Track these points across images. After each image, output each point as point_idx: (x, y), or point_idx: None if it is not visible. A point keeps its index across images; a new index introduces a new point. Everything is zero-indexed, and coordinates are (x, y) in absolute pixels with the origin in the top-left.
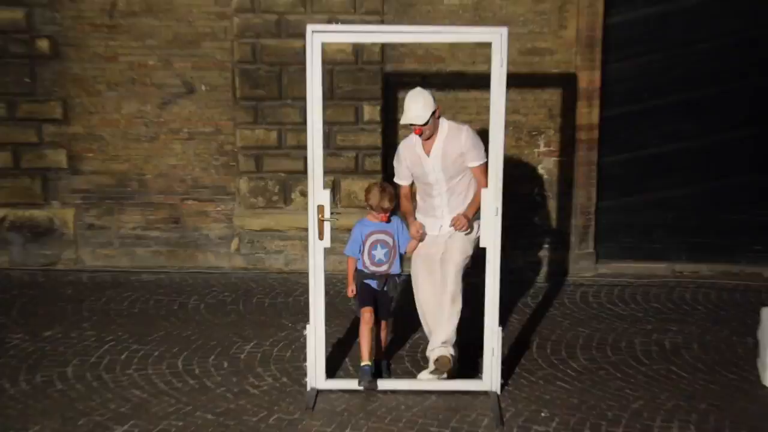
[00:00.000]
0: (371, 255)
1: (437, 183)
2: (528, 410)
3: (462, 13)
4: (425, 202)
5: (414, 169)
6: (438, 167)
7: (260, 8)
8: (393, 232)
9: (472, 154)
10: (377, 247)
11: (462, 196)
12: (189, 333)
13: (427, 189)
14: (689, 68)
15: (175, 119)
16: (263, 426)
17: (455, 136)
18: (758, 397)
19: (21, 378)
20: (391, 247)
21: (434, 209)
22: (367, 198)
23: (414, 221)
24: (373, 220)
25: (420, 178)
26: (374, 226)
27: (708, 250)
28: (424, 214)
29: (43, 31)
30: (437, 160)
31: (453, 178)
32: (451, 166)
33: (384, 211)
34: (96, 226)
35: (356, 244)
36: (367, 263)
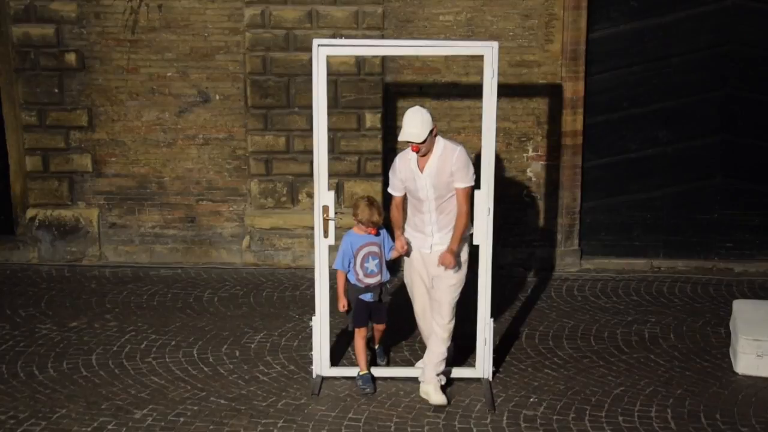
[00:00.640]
0: (364, 267)
1: (427, 200)
2: (518, 396)
3: (456, 28)
4: (415, 216)
5: (407, 183)
6: (429, 184)
7: (270, 24)
8: (380, 241)
9: (459, 174)
10: (369, 259)
11: (451, 216)
12: (203, 324)
13: (417, 205)
14: (665, 80)
15: (192, 126)
16: (272, 410)
17: (449, 155)
18: (730, 383)
19: (49, 365)
20: (380, 257)
21: (424, 225)
22: (356, 213)
23: (400, 236)
24: (361, 232)
25: (412, 193)
26: (364, 239)
27: (683, 247)
28: (413, 229)
29: (71, 46)
30: (429, 178)
31: (443, 196)
32: (443, 185)
33: (374, 225)
34: (118, 224)
35: (346, 258)
36: (360, 276)
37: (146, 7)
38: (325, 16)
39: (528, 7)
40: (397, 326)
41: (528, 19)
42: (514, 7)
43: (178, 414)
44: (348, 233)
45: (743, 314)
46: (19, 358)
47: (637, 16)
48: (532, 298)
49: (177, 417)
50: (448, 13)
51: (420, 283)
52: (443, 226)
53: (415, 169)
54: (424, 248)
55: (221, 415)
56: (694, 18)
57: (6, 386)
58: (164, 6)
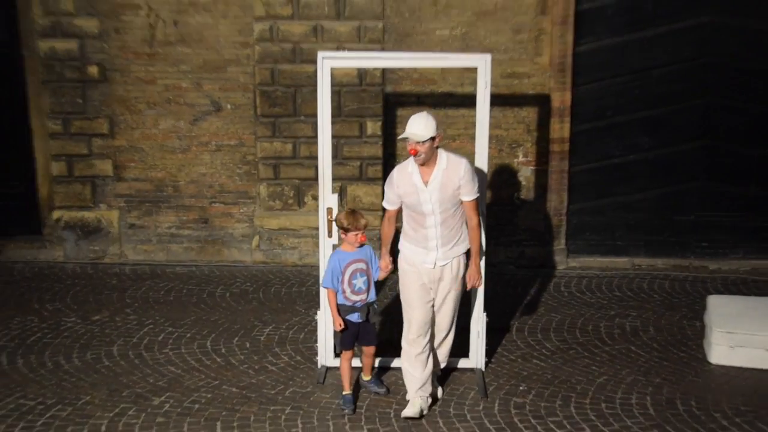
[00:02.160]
0: (352, 284)
1: (432, 214)
2: (508, 384)
3: (452, 42)
4: (417, 232)
5: (408, 198)
6: (435, 198)
7: (278, 38)
8: (367, 259)
9: (467, 187)
10: (357, 276)
11: (455, 229)
12: (216, 318)
13: (419, 219)
14: (646, 90)
15: (205, 133)
16: (280, 398)
17: (455, 168)
18: (704, 372)
19: (74, 356)
20: (368, 275)
21: (427, 240)
22: (341, 223)
23: (385, 254)
24: (349, 249)
25: (413, 208)
26: (351, 256)
27: (662, 247)
28: (414, 244)
29: (93, 59)
30: (435, 192)
31: (448, 210)
32: (448, 199)
33: (361, 229)
34: (137, 225)
35: (335, 275)
36: (347, 293)
37: (163, 22)
38: (329, 30)
39: (519, 23)
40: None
41: (519, 33)
42: (505, 23)
43: (193, 401)
44: (336, 251)
45: (717, 309)
46: (46, 349)
47: (620, 31)
48: (522, 293)
49: (192, 404)
50: (444, 27)
51: (425, 297)
52: (447, 241)
53: (418, 183)
54: (427, 263)
55: (233, 402)
56: (673, 33)
57: (35, 375)
58: (179, 22)
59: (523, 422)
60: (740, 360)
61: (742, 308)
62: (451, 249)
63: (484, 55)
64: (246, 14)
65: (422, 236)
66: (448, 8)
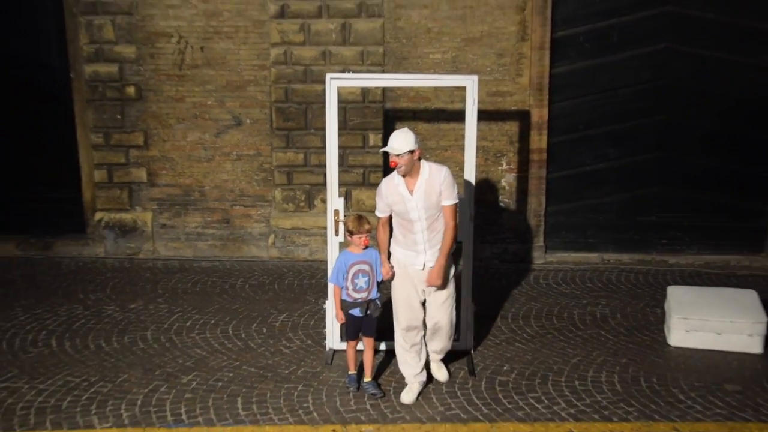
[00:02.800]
0: (354, 283)
1: (419, 220)
2: (494, 365)
3: (444, 64)
4: (406, 237)
5: (396, 206)
6: (421, 206)
7: (291, 61)
8: (371, 261)
9: (446, 192)
10: (359, 276)
11: (440, 233)
12: (237, 306)
13: (407, 225)
14: (613, 107)
15: (227, 145)
16: (293, 377)
17: (436, 176)
18: (664, 353)
19: (113, 339)
20: (370, 275)
21: (416, 244)
22: (348, 227)
23: (385, 261)
24: (355, 251)
25: (402, 215)
26: (356, 258)
27: (628, 244)
28: (405, 248)
29: (131, 81)
30: (420, 200)
31: (433, 216)
32: (432, 205)
33: (366, 233)
34: (167, 225)
35: (340, 273)
36: (350, 291)
37: (191, 48)
38: (336, 54)
39: (502, 48)
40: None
41: (502, 57)
42: (490, 48)
43: (216, 379)
44: (343, 252)
45: (675, 297)
46: (89, 333)
47: (590, 56)
48: (506, 285)
49: (216, 382)
50: (437, 52)
51: (414, 296)
52: (434, 244)
53: (404, 193)
54: (416, 265)
55: (251, 381)
56: (636, 58)
57: (80, 355)
58: (205, 47)
59: (507, 398)
60: (695, 342)
61: (696, 297)
62: (438, 251)
63: (472, 76)
64: (263, 41)
65: (411, 241)
66: (440, 35)
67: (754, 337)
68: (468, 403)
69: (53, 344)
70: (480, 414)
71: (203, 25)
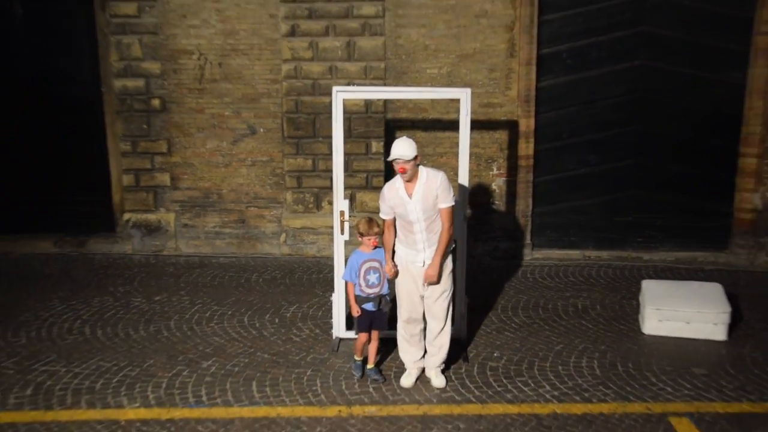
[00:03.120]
0: (366, 279)
1: (417, 222)
2: (485, 351)
3: (439, 78)
4: (407, 237)
5: (397, 209)
6: (419, 208)
7: (301, 76)
8: (380, 260)
9: (443, 196)
10: (371, 273)
11: (437, 234)
12: (251, 299)
13: (408, 226)
14: (593, 118)
15: (242, 152)
16: (303, 363)
17: (433, 180)
18: (639, 341)
19: (140, 328)
20: (380, 272)
21: (415, 243)
22: (359, 229)
23: (389, 260)
24: (366, 250)
25: (402, 217)
26: (367, 256)
27: (607, 242)
28: (406, 247)
29: (156, 94)
30: (418, 203)
31: (430, 217)
32: (430, 207)
33: (375, 235)
34: (189, 225)
35: (353, 271)
36: (363, 287)
37: (210, 64)
38: (341, 69)
39: (493, 64)
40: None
41: (493, 72)
42: (482, 64)
43: (233, 365)
44: (355, 251)
45: (649, 290)
46: (119, 323)
47: (572, 71)
48: (496, 279)
49: (233, 367)
50: (434, 67)
51: (414, 291)
52: (433, 243)
53: (404, 196)
54: (417, 262)
55: (265, 366)
56: (613, 73)
57: (110, 342)
58: (223, 63)
59: (497, 381)
60: (667, 330)
61: (668, 290)
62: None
63: (465, 89)
64: (276, 57)
65: (411, 240)
66: (437, 52)
67: (719, 325)
68: (461, 387)
69: (87, 332)
70: (472, 396)
71: (221, 43)
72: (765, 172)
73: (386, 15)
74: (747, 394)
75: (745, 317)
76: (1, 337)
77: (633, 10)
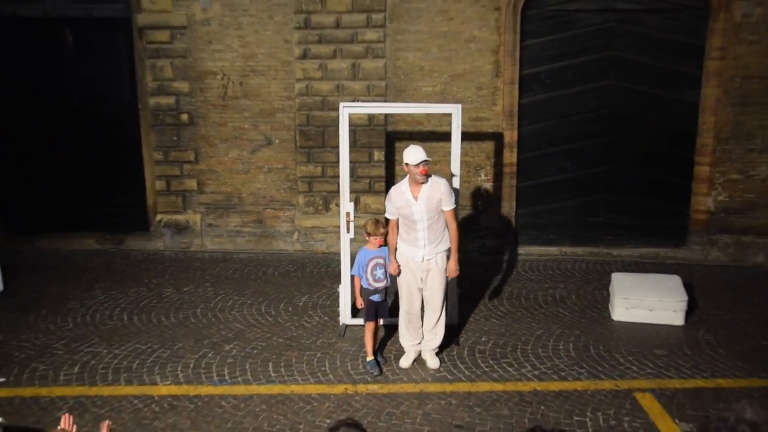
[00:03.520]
0: (373, 274)
1: (421, 221)
2: (474, 336)
3: (434, 95)
4: (409, 235)
5: (403, 210)
6: (423, 209)
7: (312, 93)
8: (385, 256)
9: (446, 200)
10: (377, 269)
11: (438, 232)
12: (268, 290)
13: (411, 225)
14: (568, 131)
15: (260, 160)
16: (313, 346)
17: (437, 185)
18: (608, 326)
19: (171, 315)
20: (386, 268)
21: (417, 241)
22: (367, 229)
23: (393, 260)
24: (371, 248)
25: (407, 217)
26: (373, 253)
27: (581, 239)
28: (408, 244)
29: (184, 109)
30: (423, 205)
31: (432, 218)
32: (433, 209)
33: (381, 235)
34: (213, 224)
35: (361, 267)
36: (370, 281)
37: (232, 83)
38: (347, 87)
39: (480, 83)
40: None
41: (481, 90)
42: (471, 83)
43: (252, 348)
44: (361, 249)
45: (618, 282)
46: (152, 310)
47: (550, 89)
48: (484, 273)
49: (251, 349)
50: (429, 85)
51: (413, 284)
52: (432, 241)
53: (410, 198)
54: (416, 258)
55: (280, 349)
56: (586, 91)
57: (145, 328)
58: (243, 83)
59: (484, 362)
60: (633, 317)
61: (634, 281)
62: (435, 247)
63: (456, 105)
64: (290, 77)
65: (413, 238)
66: (431, 72)
67: (678, 312)
68: (453, 367)
69: (125, 318)
70: (463, 375)
71: (242, 65)
72: (717, 178)
73: (387, 40)
74: (701, 372)
75: (700, 305)
76: (51, 322)
77: (602, 37)
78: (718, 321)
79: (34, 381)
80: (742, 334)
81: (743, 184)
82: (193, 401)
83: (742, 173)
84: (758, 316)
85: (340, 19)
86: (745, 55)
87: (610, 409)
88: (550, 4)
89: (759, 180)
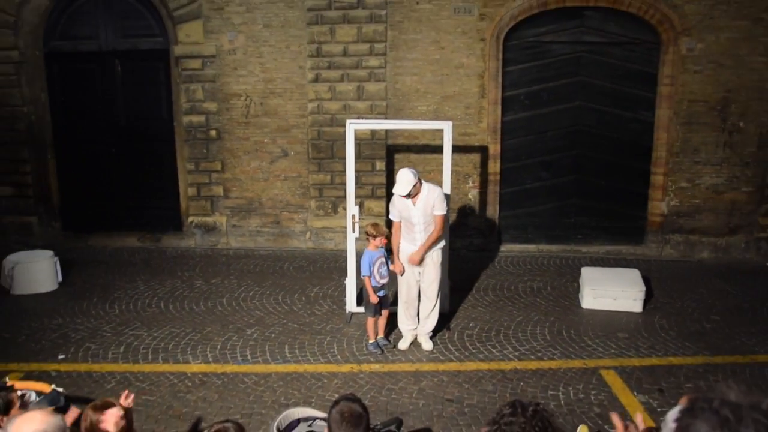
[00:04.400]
0: (380, 272)
1: (418, 224)
2: (463, 323)
3: (428, 113)
4: (409, 234)
5: (403, 213)
6: (420, 214)
7: (322, 112)
8: (385, 255)
9: (438, 205)
10: (382, 267)
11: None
12: (284, 282)
13: (411, 226)
14: (544, 145)
15: (277, 170)
16: (323, 331)
17: (431, 193)
18: (579, 313)
19: (201, 303)
20: (387, 265)
21: (414, 240)
22: (369, 232)
23: (397, 260)
24: (374, 249)
25: (407, 219)
26: (377, 254)
27: (555, 238)
28: (407, 242)
29: (213, 126)
30: (420, 210)
31: (427, 221)
32: (428, 214)
33: (381, 235)
34: (237, 225)
35: (368, 267)
36: (377, 278)
37: (254, 104)
38: (353, 107)
39: (468, 103)
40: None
41: (468, 109)
42: (460, 102)
43: (270, 332)
44: (367, 251)
45: (587, 274)
46: (185, 299)
47: (528, 109)
48: (472, 267)
49: (270, 333)
50: (423, 105)
51: (412, 276)
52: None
53: (409, 204)
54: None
55: (294, 333)
56: (559, 111)
57: (179, 314)
58: (264, 103)
59: (472, 345)
60: (599, 305)
61: (600, 274)
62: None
63: (448, 122)
64: (303, 98)
65: (412, 237)
66: (426, 94)
67: (637, 301)
68: (445, 349)
69: (162, 306)
70: (453, 356)
71: (263, 87)
72: (669, 186)
73: (387, 66)
74: (656, 351)
75: (655, 294)
76: (101, 308)
77: (573, 64)
78: (671, 308)
79: (88, 358)
80: (690, 319)
81: (691, 191)
82: (220, 377)
83: (690, 182)
84: (703, 303)
85: (347, 48)
86: (691, 82)
87: (579, 384)
88: (528, 36)
89: (703, 188)
